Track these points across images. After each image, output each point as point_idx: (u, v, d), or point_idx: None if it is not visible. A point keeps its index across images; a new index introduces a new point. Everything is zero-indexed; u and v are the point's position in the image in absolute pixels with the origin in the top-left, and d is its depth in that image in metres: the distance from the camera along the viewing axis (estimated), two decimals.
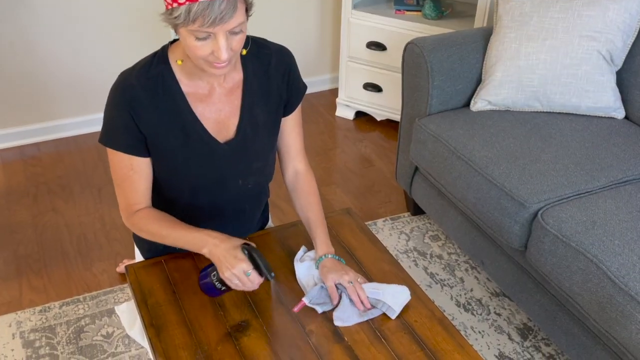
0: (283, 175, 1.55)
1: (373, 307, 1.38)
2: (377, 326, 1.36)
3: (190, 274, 1.47)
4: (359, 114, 3.29)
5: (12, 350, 1.87)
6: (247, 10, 1.20)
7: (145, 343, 1.73)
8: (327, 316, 1.37)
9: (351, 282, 1.37)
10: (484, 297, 2.13)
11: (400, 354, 1.30)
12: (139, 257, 1.65)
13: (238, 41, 1.20)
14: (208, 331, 1.32)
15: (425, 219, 2.51)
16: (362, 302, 1.36)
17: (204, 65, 1.21)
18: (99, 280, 2.17)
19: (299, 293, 1.42)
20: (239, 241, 1.28)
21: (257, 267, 1.27)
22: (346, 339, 1.32)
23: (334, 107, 3.34)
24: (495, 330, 2.00)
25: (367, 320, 1.36)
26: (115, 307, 1.83)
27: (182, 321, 1.34)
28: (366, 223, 2.21)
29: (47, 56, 2.86)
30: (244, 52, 1.30)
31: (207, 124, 1.34)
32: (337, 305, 1.37)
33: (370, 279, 1.47)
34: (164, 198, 1.44)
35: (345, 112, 3.28)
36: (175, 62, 1.29)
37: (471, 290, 2.17)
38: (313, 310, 1.38)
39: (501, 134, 2.03)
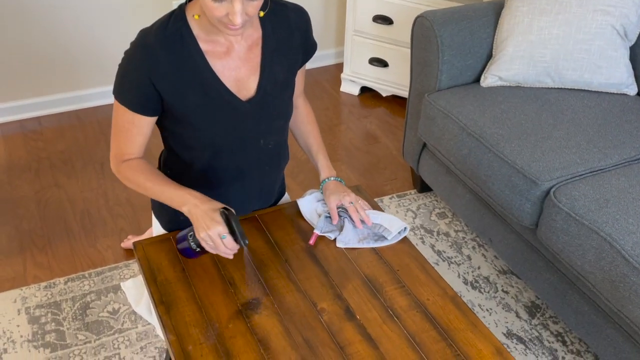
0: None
1: (371, 230, 1.48)
2: (389, 304, 1.34)
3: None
4: (364, 90, 3.24)
5: (18, 326, 1.86)
6: None
7: (152, 319, 1.72)
8: (339, 294, 1.36)
9: (352, 203, 1.45)
10: (492, 274, 2.12)
11: (412, 332, 1.28)
12: (157, 228, 1.62)
13: (254, 7, 1.19)
14: (219, 308, 1.31)
15: (431, 197, 2.49)
16: (362, 223, 1.46)
17: (219, 25, 1.20)
18: (103, 256, 2.16)
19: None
20: (218, 205, 1.29)
21: (232, 232, 1.27)
22: (358, 317, 1.31)
23: (338, 82, 3.29)
24: (503, 308, 1.99)
25: (379, 299, 1.35)
26: (121, 284, 1.81)
27: (192, 298, 1.33)
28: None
29: (48, 28, 2.80)
30: (262, 14, 1.28)
31: (227, 82, 1.32)
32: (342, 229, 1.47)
33: (380, 257, 1.46)
34: (184, 160, 1.43)
35: (350, 87, 3.24)
36: (193, 18, 1.27)
37: (478, 268, 2.15)
38: (324, 287, 1.37)
39: (512, 111, 1.99)
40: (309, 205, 1.53)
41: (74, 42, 2.88)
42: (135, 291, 1.82)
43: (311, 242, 1.45)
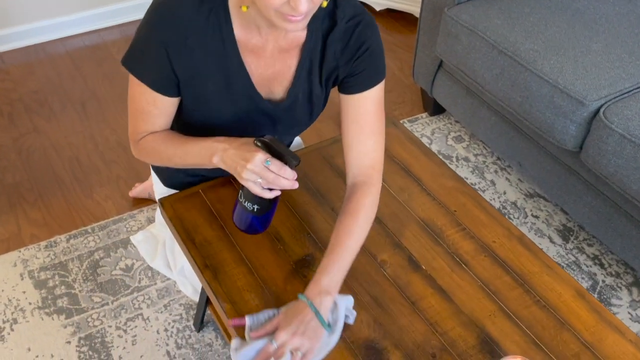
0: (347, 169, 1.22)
1: None
2: (453, 250, 1.23)
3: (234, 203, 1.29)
4: None
5: (24, 292, 1.69)
6: None
7: (171, 274, 1.59)
8: (397, 243, 1.23)
9: (275, 344, 1.00)
10: (519, 199, 2.04)
11: (485, 279, 1.18)
12: (159, 188, 1.46)
13: None
14: (271, 269, 1.17)
15: (445, 119, 2.35)
16: None
17: (275, 17, 0.97)
18: (104, 208, 1.97)
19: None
20: (250, 138, 1.07)
21: (277, 156, 1.01)
22: (424, 267, 1.19)
23: None
24: (536, 234, 1.92)
25: (442, 244, 1.24)
26: (131, 237, 1.65)
27: (239, 259, 1.18)
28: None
29: None
30: (325, 3, 1.03)
31: (252, 77, 1.13)
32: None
33: (433, 197, 1.33)
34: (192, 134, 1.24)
35: None
36: (236, 6, 1.06)
37: (504, 193, 2.06)
38: (380, 236, 1.24)
39: (543, 23, 1.83)
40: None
41: None
42: (147, 245, 1.67)
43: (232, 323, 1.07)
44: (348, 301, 1.09)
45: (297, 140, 1.58)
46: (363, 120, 1.16)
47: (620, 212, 1.65)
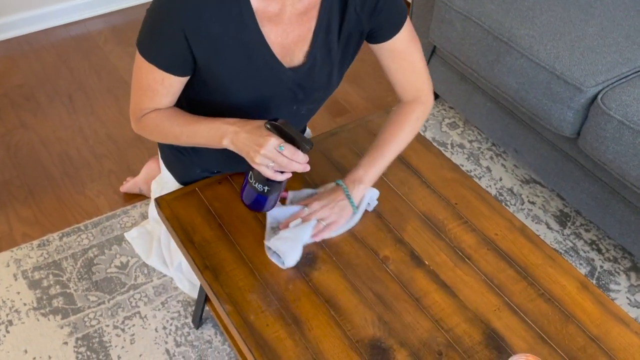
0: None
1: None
2: (456, 244, 1.22)
3: (233, 202, 1.27)
4: None
5: (18, 293, 1.67)
6: None
7: (167, 271, 1.57)
8: (399, 238, 1.22)
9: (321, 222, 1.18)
10: (515, 185, 2.03)
11: (488, 273, 1.17)
12: (170, 182, 1.42)
13: None
14: (272, 269, 1.15)
15: (439, 105, 2.33)
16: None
17: None
18: (96, 204, 1.94)
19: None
20: (261, 121, 1.06)
21: (289, 140, 1.02)
22: (426, 262, 1.18)
23: None
24: (533, 221, 1.92)
25: (444, 239, 1.22)
26: (125, 234, 1.63)
27: (240, 259, 1.16)
28: (377, 114, 2.01)
29: None
30: None
31: (273, 47, 1.09)
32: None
33: (433, 190, 1.32)
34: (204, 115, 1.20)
35: None
36: None
37: (500, 179, 2.05)
38: (381, 231, 1.23)
39: (538, 7, 1.81)
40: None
41: None
42: (142, 241, 1.65)
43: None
44: (374, 193, 1.25)
45: (307, 131, 1.55)
46: (403, 57, 1.22)
47: (619, 198, 1.64)
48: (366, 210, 1.26)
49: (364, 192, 1.22)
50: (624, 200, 1.63)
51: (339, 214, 1.20)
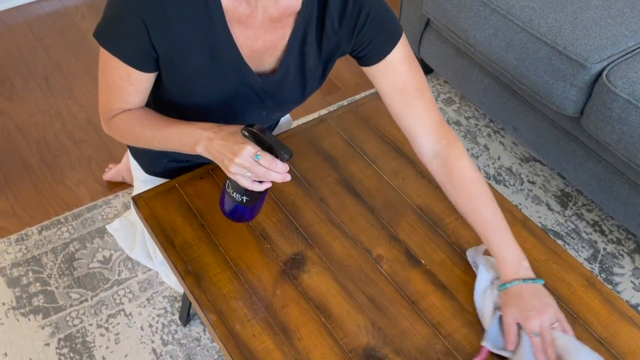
0: (417, 151, 1.12)
1: None
2: (454, 240, 1.14)
3: (215, 199, 1.18)
4: None
5: None
6: None
7: (152, 265, 1.49)
8: (394, 235, 1.14)
9: (537, 335, 0.95)
10: (514, 164, 1.95)
11: None
12: (140, 175, 1.35)
13: None
14: (258, 272, 1.08)
15: (433, 80, 2.23)
16: None
17: None
18: (76, 194, 1.85)
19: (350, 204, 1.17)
20: (237, 127, 0.98)
21: (267, 148, 0.94)
22: (423, 261, 1.11)
23: None
24: (533, 201, 1.84)
25: (441, 235, 1.15)
26: (107, 226, 1.55)
27: (224, 262, 1.09)
28: (367, 93, 1.91)
29: None
30: None
31: (241, 50, 1.01)
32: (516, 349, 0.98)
33: (429, 181, 1.23)
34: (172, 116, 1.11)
35: None
36: None
37: (498, 158, 1.97)
38: (374, 228, 1.15)
39: None
40: (481, 284, 1.05)
41: None
42: (125, 234, 1.57)
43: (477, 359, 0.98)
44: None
45: (287, 117, 1.46)
46: (401, 83, 1.06)
47: (623, 180, 1.57)
48: (359, 205, 1.18)
49: (527, 263, 1.01)
50: (628, 182, 1.55)
51: (552, 305, 0.98)
